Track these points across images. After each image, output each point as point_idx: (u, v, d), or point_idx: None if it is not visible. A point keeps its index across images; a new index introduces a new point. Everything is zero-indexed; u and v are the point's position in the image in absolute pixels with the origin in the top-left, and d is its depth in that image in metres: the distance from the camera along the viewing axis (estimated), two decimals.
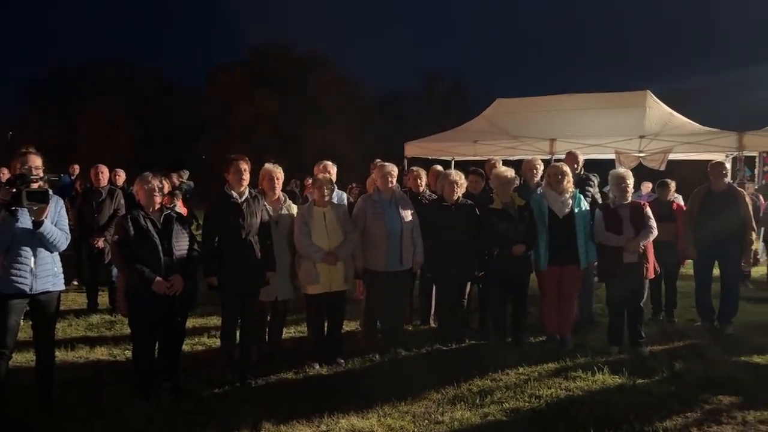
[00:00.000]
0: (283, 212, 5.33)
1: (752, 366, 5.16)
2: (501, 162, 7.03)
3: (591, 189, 6.54)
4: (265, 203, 5.15)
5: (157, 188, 4.45)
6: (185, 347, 5.10)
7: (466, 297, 6.03)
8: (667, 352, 5.58)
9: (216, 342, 5.54)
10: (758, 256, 9.99)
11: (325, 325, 5.38)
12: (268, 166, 5.44)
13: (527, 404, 4.33)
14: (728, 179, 6.66)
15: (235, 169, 4.77)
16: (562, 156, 10.90)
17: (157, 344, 4.50)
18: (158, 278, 4.27)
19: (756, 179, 11.32)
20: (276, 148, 26.60)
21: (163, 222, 4.44)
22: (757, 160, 11.43)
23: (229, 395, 4.58)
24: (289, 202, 5.49)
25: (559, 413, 4.16)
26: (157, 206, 4.47)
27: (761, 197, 9.71)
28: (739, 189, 6.76)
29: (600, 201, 6.48)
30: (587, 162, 7.26)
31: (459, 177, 5.79)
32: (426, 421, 4.08)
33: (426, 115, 36.12)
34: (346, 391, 4.63)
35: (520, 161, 7.54)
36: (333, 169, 6.22)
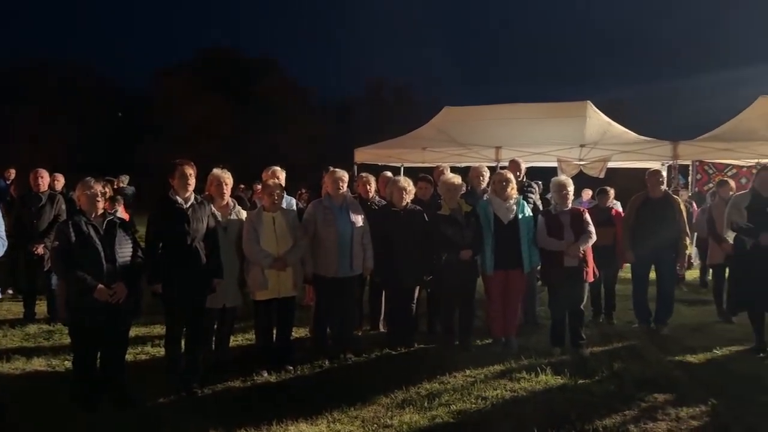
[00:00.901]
0: (232, 218, 5.26)
1: (686, 365, 5.42)
2: (449, 169, 7.16)
3: (532, 196, 6.75)
4: (214, 209, 5.09)
5: (99, 193, 4.34)
6: (128, 357, 4.96)
7: (415, 301, 6.10)
8: (606, 352, 5.80)
9: (160, 351, 5.40)
10: (692, 261, 10.47)
11: (274, 331, 5.35)
12: (216, 171, 5.36)
13: (474, 406, 4.42)
14: (664, 187, 6.97)
15: (180, 173, 4.67)
16: (507, 164, 11.22)
17: (99, 354, 4.37)
18: (100, 286, 4.15)
19: (689, 187, 11.86)
20: (222, 153, 26.14)
21: (106, 228, 4.33)
22: (690, 168, 11.99)
23: (174, 405, 4.47)
24: (238, 207, 5.43)
25: (504, 414, 4.27)
26: (100, 212, 4.35)
27: (694, 204, 10.20)
28: (674, 196, 7.09)
29: (541, 207, 6.69)
30: (531, 169, 7.49)
31: (408, 183, 5.88)
32: (375, 425, 4.11)
33: (375, 121, 36.29)
34: (295, 398, 4.61)
35: (467, 168, 7.70)
36: (282, 175, 6.20)
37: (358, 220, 5.60)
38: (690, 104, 34.29)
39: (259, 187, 13.52)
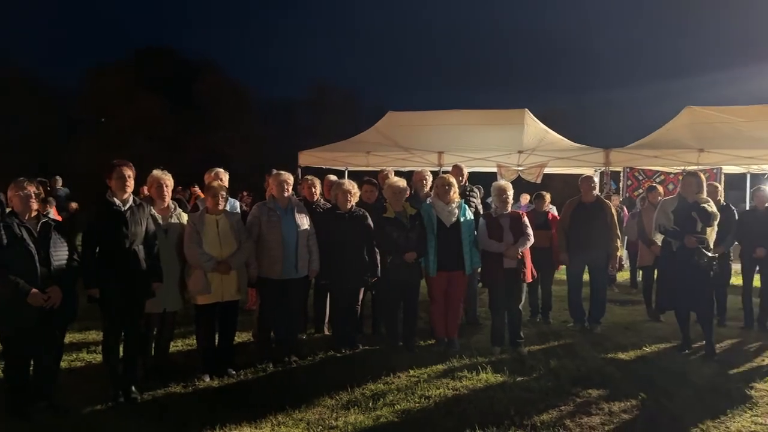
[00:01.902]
0: (172, 221, 5.16)
1: (617, 362, 5.67)
2: (393, 173, 7.25)
3: (474, 200, 6.92)
4: (153, 211, 4.98)
5: (33, 194, 4.17)
6: (63, 363, 4.77)
7: (360, 303, 6.14)
8: (543, 351, 6.01)
9: (97, 357, 5.25)
10: (622, 262, 10.95)
11: (216, 336, 5.27)
12: (156, 172, 5.25)
13: (417, 405, 4.50)
14: (596, 192, 7.28)
15: (117, 174, 4.54)
16: (449, 168, 11.43)
17: (31, 360, 4.19)
18: (34, 290, 4.00)
19: (620, 192, 12.42)
20: (160, 154, 25.36)
21: (40, 230, 4.17)
22: (621, 174, 12.55)
23: (112, 412, 4.34)
24: (179, 210, 5.33)
25: (446, 411, 4.36)
26: (34, 213, 4.19)
27: (625, 209, 10.70)
28: (606, 201, 7.41)
29: (482, 211, 6.87)
30: (472, 174, 7.68)
31: (353, 186, 5.92)
32: (320, 426, 4.12)
33: (318, 124, 36.13)
34: (238, 402, 4.57)
35: (411, 172, 7.82)
36: (225, 177, 6.12)
37: (304, 222, 5.59)
38: (621, 114, 35.85)
39: (198, 189, 13.29)
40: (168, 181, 5.21)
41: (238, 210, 6.41)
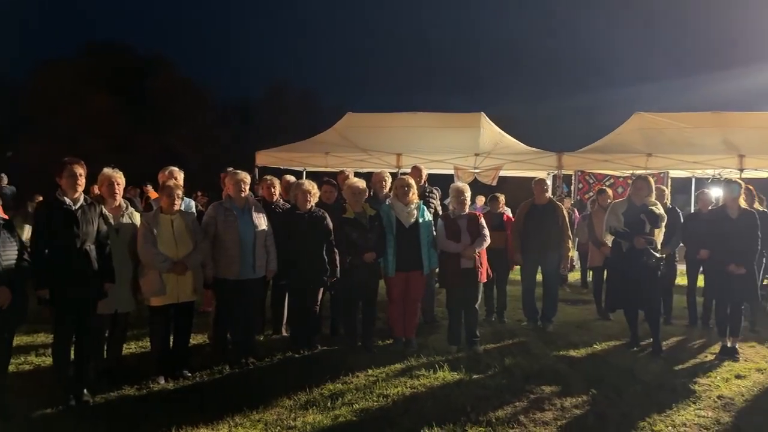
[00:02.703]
0: (124, 220, 5.04)
1: (569, 359, 5.84)
2: (353, 174, 7.27)
3: (433, 201, 7.01)
4: (105, 210, 4.85)
5: None
6: (11, 366, 4.59)
7: (319, 304, 6.13)
8: (498, 349, 6.14)
9: (46, 360, 5.08)
10: (574, 263, 11.26)
11: (171, 338, 5.18)
12: (107, 170, 5.12)
13: (376, 403, 4.53)
14: (549, 194, 7.47)
15: (69, 173, 4.42)
16: (408, 170, 11.50)
17: None
18: None
19: (572, 195, 12.75)
20: (110, 153, 24.66)
21: None
22: (573, 178, 12.89)
23: (63, 416, 4.22)
24: (131, 209, 5.22)
25: (404, 409, 4.41)
26: None
27: (576, 211, 11.00)
28: (558, 203, 7.63)
29: (441, 212, 6.96)
30: (429, 176, 7.77)
31: (312, 186, 5.91)
32: (278, 427, 4.10)
33: (276, 124, 35.78)
34: (194, 404, 4.50)
35: (369, 174, 7.85)
36: (180, 176, 6.02)
37: (261, 222, 5.55)
38: (574, 119, 36.79)
39: (150, 188, 13.00)
40: (119, 179, 5.10)
41: (194, 210, 6.33)
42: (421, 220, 6.02)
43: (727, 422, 4.26)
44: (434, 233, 6.11)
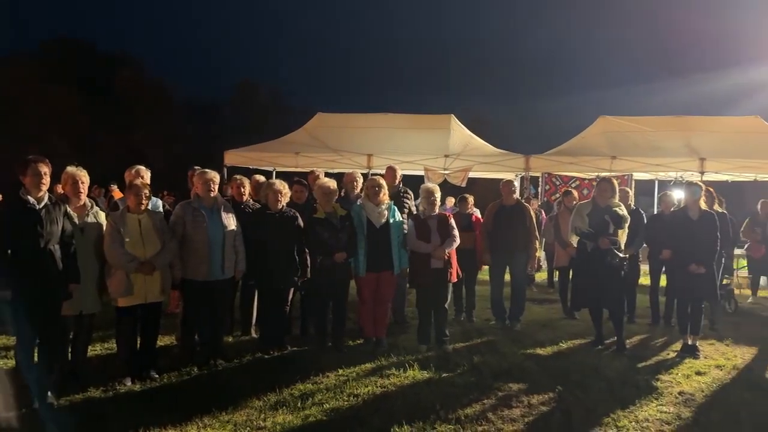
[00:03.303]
0: (89, 219, 4.95)
1: (536, 357, 5.94)
2: (323, 174, 7.27)
3: (408, 201, 7.05)
4: (69, 210, 4.76)
5: None
6: None
7: (289, 304, 6.11)
8: (467, 348, 6.21)
9: (9, 362, 4.95)
10: (541, 263, 11.45)
11: (138, 339, 5.11)
12: (71, 169, 5.01)
13: (346, 403, 4.54)
14: (516, 196, 7.59)
15: (33, 171, 4.32)
16: (379, 170, 11.53)
17: None
18: None
19: (539, 196, 12.95)
20: (71, 151, 24.07)
21: None
22: (540, 179, 13.10)
23: (27, 419, 4.13)
24: (96, 208, 5.13)
25: (374, 409, 4.43)
26: None
27: (543, 212, 11.18)
28: (526, 204, 7.74)
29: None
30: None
31: (283, 186, 5.89)
32: (248, 428, 4.08)
33: (245, 124, 35.45)
34: (161, 406, 4.43)
35: (340, 174, 7.85)
36: (147, 174, 5.94)
37: (230, 222, 5.51)
38: (541, 121, 37.32)
39: (115, 188, 12.73)
40: (84, 178, 5.00)
41: (161, 209, 6.24)
42: (391, 221, 6.05)
43: (687, 417, 4.40)
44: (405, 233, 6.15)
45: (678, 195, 8.51)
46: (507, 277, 7.40)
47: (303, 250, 5.81)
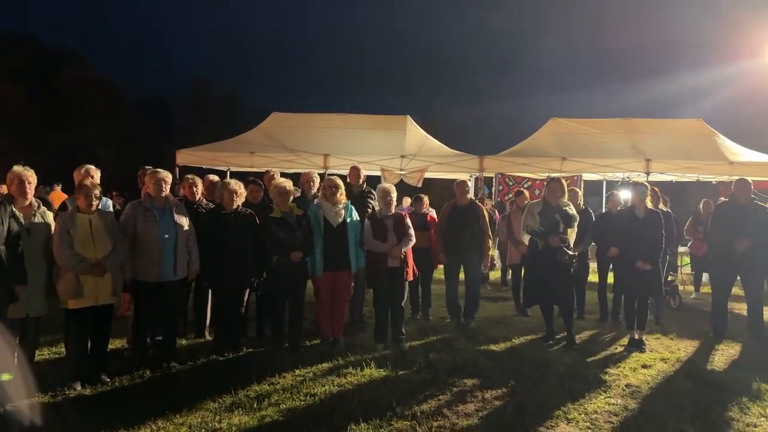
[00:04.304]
0: (36, 220, 4.79)
1: (490, 353, 6.07)
2: (279, 174, 7.23)
3: (372, 201, 7.07)
4: (15, 210, 4.60)
5: None
6: None
7: (244, 305, 6.06)
8: (423, 345, 6.29)
9: None
10: (494, 262, 11.65)
11: (88, 342, 4.98)
12: (17, 168, 4.84)
13: (303, 403, 4.54)
14: (470, 195, 7.71)
15: None
16: (335, 171, 11.54)
17: None
18: None
19: (492, 197, 13.19)
20: (17, 150, 23.14)
21: None
22: (494, 180, 13.33)
23: None
24: (43, 208, 4.96)
25: (331, 407, 4.44)
26: None
27: (497, 212, 11.40)
28: (479, 204, 7.88)
29: None
30: None
31: (239, 186, 5.84)
32: (203, 430, 4.04)
33: (197, 123, 34.79)
34: (113, 410, 4.34)
35: (296, 174, 7.82)
36: (97, 174, 5.80)
37: (183, 222, 5.42)
38: (495, 123, 37.98)
39: (59, 188, 12.32)
40: (30, 177, 4.83)
41: (111, 209, 6.09)
42: (349, 220, 6.07)
43: (634, 408, 4.57)
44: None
45: (625, 195, 8.79)
46: (462, 275, 7.52)
47: (259, 249, 5.77)
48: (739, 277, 7.09)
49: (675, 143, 12.64)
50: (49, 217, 4.94)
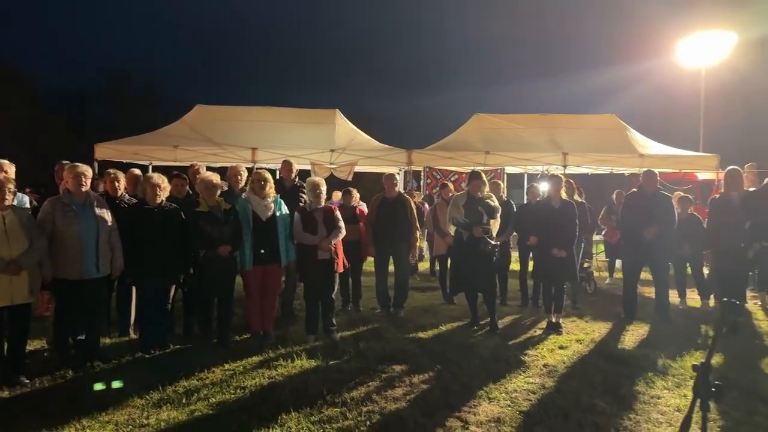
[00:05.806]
0: None
1: (418, 340, 6.25)
2: (204, 167, 7.12)
3: (304, 195, 7.09)
4: None
5: None
6: None
7: (171, 301, 5.95)
8: (353, 335, 6.41)
9: None
10: (423, 253, 11.94)
11: (5, 343, 4.78)
12: None
13: (233, 396, 4.55)
14: (399, 188, 7.88)
15: None
16: (264, 165, 11.44)
17: None
18: None
19: (421, 189, 13.47)
20: None
21: None
22: (422, 173, 13.61)
23: None
24: None
25: (262, 399, 4.47)
26: None
27: (426, 204, 11.66)
28: (407, 196, 8.05)
29: None
30: None
31: (162, 180, 5.73)
32: (130, 426, 3.98)
33: (114, 115, 33.36)
34: (34, 412, 4.20)
35: (223, 168, 7.72)
36: (11, 169, 5.51)
37: (105, 217, 5.28)
38: (424, 119, 38.60)
39: None
40: None
41: (28, 205, 5.83)
42: (278, 214, 6.08)
43: (550, 386, 4.86)
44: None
45: (544, 187, 9.22)
46: (391, 267, 7.68)
47: (186, 245, 5.70)
48: (647, 263, 7.58)
49: (590, 137, 13.35)
50: None
